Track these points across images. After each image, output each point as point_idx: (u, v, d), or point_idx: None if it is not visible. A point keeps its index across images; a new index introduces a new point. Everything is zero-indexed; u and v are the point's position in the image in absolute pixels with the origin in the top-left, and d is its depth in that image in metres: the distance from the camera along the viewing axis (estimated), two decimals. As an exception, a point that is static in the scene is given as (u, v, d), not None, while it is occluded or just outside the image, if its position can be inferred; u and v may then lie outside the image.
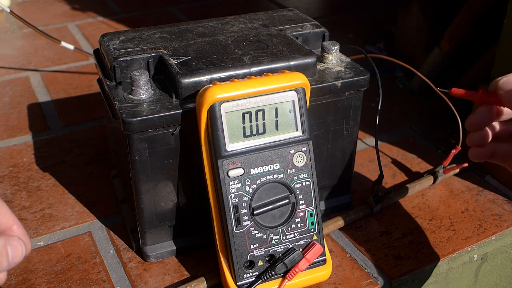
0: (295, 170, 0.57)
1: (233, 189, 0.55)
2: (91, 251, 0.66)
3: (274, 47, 0.62)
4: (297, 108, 0.56)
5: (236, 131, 0.55)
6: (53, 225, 0.70)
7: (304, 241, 0.58)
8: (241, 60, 0.59)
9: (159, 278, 0.62)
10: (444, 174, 0.77)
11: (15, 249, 0.43)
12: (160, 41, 0.63)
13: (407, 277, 0.63)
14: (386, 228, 0.70)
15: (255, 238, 0.56)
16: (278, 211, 0.57)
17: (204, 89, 0.54)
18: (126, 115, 0.54)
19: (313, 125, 0.63)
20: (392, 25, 1.17)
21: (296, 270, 0.57)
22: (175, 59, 0.59)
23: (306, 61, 0.60)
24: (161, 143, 0.57)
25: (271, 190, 0.57)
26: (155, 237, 0.63)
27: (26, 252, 0.44)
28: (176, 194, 0.61)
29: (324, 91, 0.61)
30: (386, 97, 0.68)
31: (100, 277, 0.62)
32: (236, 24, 0.68)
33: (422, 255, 0.66)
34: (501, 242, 0.70)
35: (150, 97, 0.57)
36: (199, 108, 0.54)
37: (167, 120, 0.55)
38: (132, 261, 0.64)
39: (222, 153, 0.54)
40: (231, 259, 0.56)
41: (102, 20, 1.32)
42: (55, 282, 0.61)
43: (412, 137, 0.89)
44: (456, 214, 0.72)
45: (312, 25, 0.68)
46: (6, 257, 0.42)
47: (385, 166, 0.81)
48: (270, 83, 0.55)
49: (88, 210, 0.72)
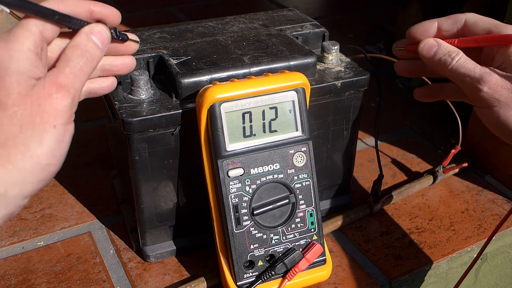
0: (295, 170, 0.57)
1: (233, 189, 0.55)
2: (91, 251, 0.66)
3: (274, 47, 0.62)
4: (297, 108, 0.56)
5: (236, 131, 0.55)
6: (53, 225, 0.70)
7: (304, 241, 0.58)
8: (241, 60, 0.59)
9: (159, 278, 0.62)
10: (443, 174, 0.77)
11: (99, 35, 0.44)
12: (160, 41, 0.63)
13: (407, 277, 0.63)
14: (386, 228, 0.70)
15: (255, 238, 0.56)
16: (278, 211, 0.57)
17: (204, 89, 0.54)
18: (126, 115, 0.54)
19: (313, 125, 0.63)
20: (392, 25, 1.17)
21: (296, 270, 0.57)
22: (175, 59, 0.59)
23: (306, 61, 0.60)
24: (161, 143, 0.57)
25: (271, 190, 0.57)
26: (155, 237, 0.63)
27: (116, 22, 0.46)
28: (176, 194, 0.61)
29: (324, 91, 0.61)
30: (386, 97, 0.68)
31: (100, 277, 0.62)
32: (236, 24, 0.68)
33: (422, 255, 0.66)
34: (501, 242, 0.70)
35: (150, 97, 0.57)
36: (199, 108, 0.54)
37: (167, 120, 0.55)
38: (132, 261, 0.64)
39: (222, 153, 0.54)
40: (231, 259, 0.56)
41: (102, 20, 1.31)
42: (55, 282, 0.61)
43: (412, 137, 0.89)
44: (456, 214, 0.72)
45: (312, 25, 0.68)
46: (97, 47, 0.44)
47: (385, 166, 0.81)
48: (270, 83, 0.55)
49: (88, 210, 0.72)
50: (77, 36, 0.44)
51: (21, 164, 0.38)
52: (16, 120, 0.38)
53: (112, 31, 0.46)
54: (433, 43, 0.55)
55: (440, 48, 0.55)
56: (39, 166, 0.39)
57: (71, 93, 0.41)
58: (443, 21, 0.57)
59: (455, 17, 0.57)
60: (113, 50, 0.48)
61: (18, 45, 0.40)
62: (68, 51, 0.43)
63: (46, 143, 0.39)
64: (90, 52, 0.43)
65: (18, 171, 0.38)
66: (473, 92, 0.52)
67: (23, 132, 0.38)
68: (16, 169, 0.38)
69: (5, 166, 0.38)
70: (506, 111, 0.51)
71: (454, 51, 0.54)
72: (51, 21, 0.42)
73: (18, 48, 0.40)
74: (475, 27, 0.55)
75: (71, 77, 0.41)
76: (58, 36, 0.44)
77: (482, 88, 0.51)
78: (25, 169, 0.39)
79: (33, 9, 0.41)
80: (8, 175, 0.38)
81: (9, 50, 0.39)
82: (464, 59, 0.53)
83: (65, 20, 0.43)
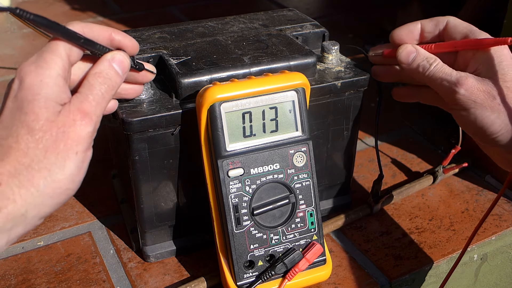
0: (295, 170, 0.57)
1: (233, 189, 0.55)
2: (91, 251, 0.66)
3: (274, 47, 0.62)
4: (297, 108, 0.56)
5: (236, 131, 0.55)
6: (53, 225, 0.70)
7: (304, 241, 0.58)
8: (241, 60, 0.59)
9: (159, 278, 0.62)
10: (443, 174, 0.77)
11: (120, 63, 0.46)
12: (160, 41, 0.63)
13: (407, 277, 0.63)
14: (386, 228, 0.70)
15: (255, 238, 0.56)
16: (278, 211, 0.57)
17: (204, 89, 0.54)
18: (126, 115, 0.54)
19: (313, 125, 0.63)
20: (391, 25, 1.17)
21: (296, 270, 0.57)
22: (175, 59, 0.59)
23: (306, 61, 0.60)
24: (161, 143, 0.57)
25: (271, 190, 0.57)
26: (155, 237, 0.63)
27: (135, 52, 0.49)
28: (176, 194, 0.61)
29: (324, 91, 0.61)
30: (386, 97, 0.68)
31: (100, 277, 0.62)
32: (236, 24, 0.68)
33: (422, 255, 0.66)
34: (501, 242, 0.70)
35: (150, 97, 0.57)
36: (199, 108, 0.54)
37: (167, 120, 0.55)
38: (132, 261, 0.64)
39: (222, 153, 0.54)
40: (231, 259, 0.56)
41: (102, 20, 1.32)
42: (55, 282, 0.61)
43: (412, 137, 0.89)
44: (456, 214, 0.72)
45: (312, 25, 0.68)
46: (117, 75, 0.45)
47: (385, 166, 0.81)
48: (270, 83, 0.55)
49: (88, 210, 0.72)
50: (99, 63, 0.45)
51: (43, 188, 0.40)
52: (41, 145, 0.40)
53: (130, 60, 0.48)
54: (412, 49, 0.58)
55: (418, 55, 0.57)
56: (60, 190, 0.41)
57: (93, 120, 0.43)
58: (426, 23, 0.59)
59: (437, 20, 0.59)
60: (130, 78, 0.50)
61: (49, 71, 0.41)
62: (91, 78, 0.44)
63: (67, 169, 0.41)
64: (111, 80, 0.45)
65: (39, 194, 0.40)
66: (450, 95, 0.54)
67: (47, 157, 0.40)
68: (38, 192, 0.40)
69: (28, 188, 0.39)
70: (482, 113, 0.53)
71: (432, 57, 0.56)
72: (77, 44, 0.44)
73: (49, 74, 0.41)
74: (454, 31, 0.57)
75: (94, 104, 0.43)
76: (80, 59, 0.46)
77: (459, 90, 0.53)
78: (46, 192, 0.40)
79: (61, 31, 0.42)
80: (30, 198, 0.40)
81: (39, 76, 0.41)
82: (441, 64, 0.55)
83: (90, 44, 0.45)
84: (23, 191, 0.39)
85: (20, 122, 0.40)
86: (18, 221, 0.40)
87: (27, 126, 0.40)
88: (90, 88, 0.43)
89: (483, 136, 0.54)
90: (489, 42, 0.54)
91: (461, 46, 0.57)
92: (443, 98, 0.56)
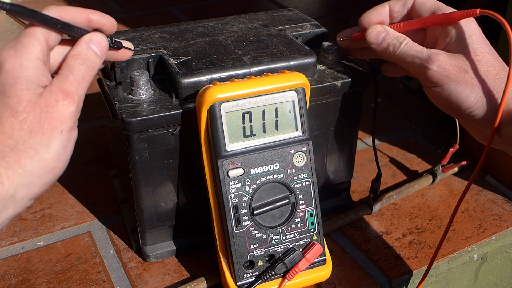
0: (295, 170, 0.57)
1: (233, 189, 0.55)
2: (91, 251, 0.66)
3: (274, 47, 0.62)
4: (297, 108, 0.56)
5: (236, 131, 0.55)
6: (53, 225, 0.70)
7: (304, 241, 0.58)
8: (241, 60, 0.59)
9: (159, 278, 0.62)
10: (443, 173, 0.77)
11: (98, 44, 0.47)
12: (160, 41, 0.63)
13: (407, 277, 0.63)
14: (386, 228, 0.70)
15: (255, 238, 0.56)
16: (278, 211, 0.57)
17: (204, 89, 0.54)
18: (126, 115, 0.54)
19: (313, 125, 0.63)
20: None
21: (296, 270, 0.57)
22: (175, 59, 0.59)
23: (306, 61, 0.60)
24: (161, 143, 0.57)
25: (271, 190, 0.57)
26: (155, 237, 0.63)
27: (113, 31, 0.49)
28: (176, 194, 0.61)
29: (324, 91, 0.61)
30: (386, 97, 0.68)
31: (100, 277, 0.62)
32: (236, 24, 0.68)
33: (422, 255, 0.66)
34: (501, 242, 0.70)
35: (150, 97, 0.57)
36: (199, 108, 0.54)
37: (167, 120, 0.55)
38: (132, 261, 0.64)
39: (222, 153, 0.54)
40: (231, 259, 0.56)
41: (102, 20, 1.31)
42: (55, 282, 0.61)
43: (412, 137, 0.89)
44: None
45: (312, 25, 0.68)
46: (96, 56, 0.46)
47: (385, 166, 0.81)
48: (270, 83, 0.55)
49: (88, 210, 0.72)
50: (77, 45, 0.46)
51: (30, 167, 0.40)
52: (26, 126, 0.40)
53: (109, 40, 0.49)
54: (381, 29, 0.58)
55: (388, 34, 0.57)
56: (47, 169, 0.42)
57: (75, 100, 0.43)
58: (394, 3, 0.59)
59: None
60: (110, 56, 0.51)
61: (28, 55, 0.42)
62: (70, 60, 0.45)
63: (53, 148, 0.42)
64: (90, 60, 0.45)
65: (27, 174, 0.40)
66: (423, 72, 0.54)
67: (33, 137, 0.41)
68: (25, 173, 0.40)
69: (15, 169, 0.40)
70: (456, 87, 0.53)
71: (402, 36, 0.56)
72: (55, 29, 0.44)
73: (28, 57, 0.42)
74: (422, 8, 0.57)
75: (75, 84, 0.43)
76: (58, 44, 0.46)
77: (431, 67, 0.53)
78: (34, 172, 0.41)
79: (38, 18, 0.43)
80: (18, 178, 0.40)
81: (19, 59, 0.42)
82: (411, 43, 0.55)
83: (67, 28, 0.45)
84: (10, 172, 0.39)
85: (3, 105, 0.40)
86: (7, 203, 0.40)
87: (10, 108, 0.40)
88: (70, 69, 0.44)
89: (458, 111, 0.54)
90: (457, 15, 0.54)
91: (429, 22, 0.56)
92: (416, 76, 0.56)
